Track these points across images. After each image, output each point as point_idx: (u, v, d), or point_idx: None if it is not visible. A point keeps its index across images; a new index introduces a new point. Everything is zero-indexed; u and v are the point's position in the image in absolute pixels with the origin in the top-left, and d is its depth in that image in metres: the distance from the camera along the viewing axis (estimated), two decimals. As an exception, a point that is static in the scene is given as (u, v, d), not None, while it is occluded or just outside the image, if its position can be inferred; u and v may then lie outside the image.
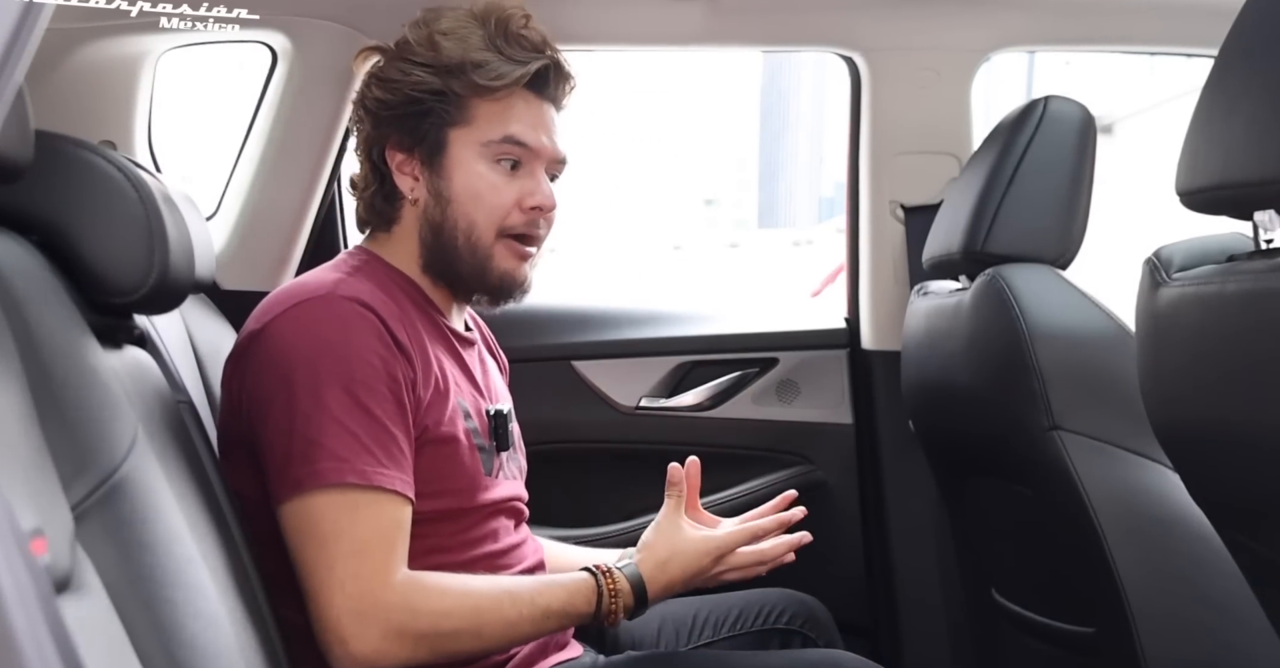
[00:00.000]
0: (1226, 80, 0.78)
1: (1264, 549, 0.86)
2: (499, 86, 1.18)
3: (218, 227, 1.78)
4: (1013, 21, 1.77)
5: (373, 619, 1.02)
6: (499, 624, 1.08)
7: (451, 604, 1.06)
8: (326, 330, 1.09)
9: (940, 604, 1.82)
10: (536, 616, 1.10)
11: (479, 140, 1.19)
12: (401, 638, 1.03)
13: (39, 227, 0.89)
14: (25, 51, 0.57)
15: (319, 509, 1.04)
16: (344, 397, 1.06)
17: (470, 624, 1.07)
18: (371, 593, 1.03)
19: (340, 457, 1.04)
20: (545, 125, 1.22)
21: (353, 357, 1.07)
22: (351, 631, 1.02)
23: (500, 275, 1.21)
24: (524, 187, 1.20)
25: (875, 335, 1.87)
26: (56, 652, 0.50)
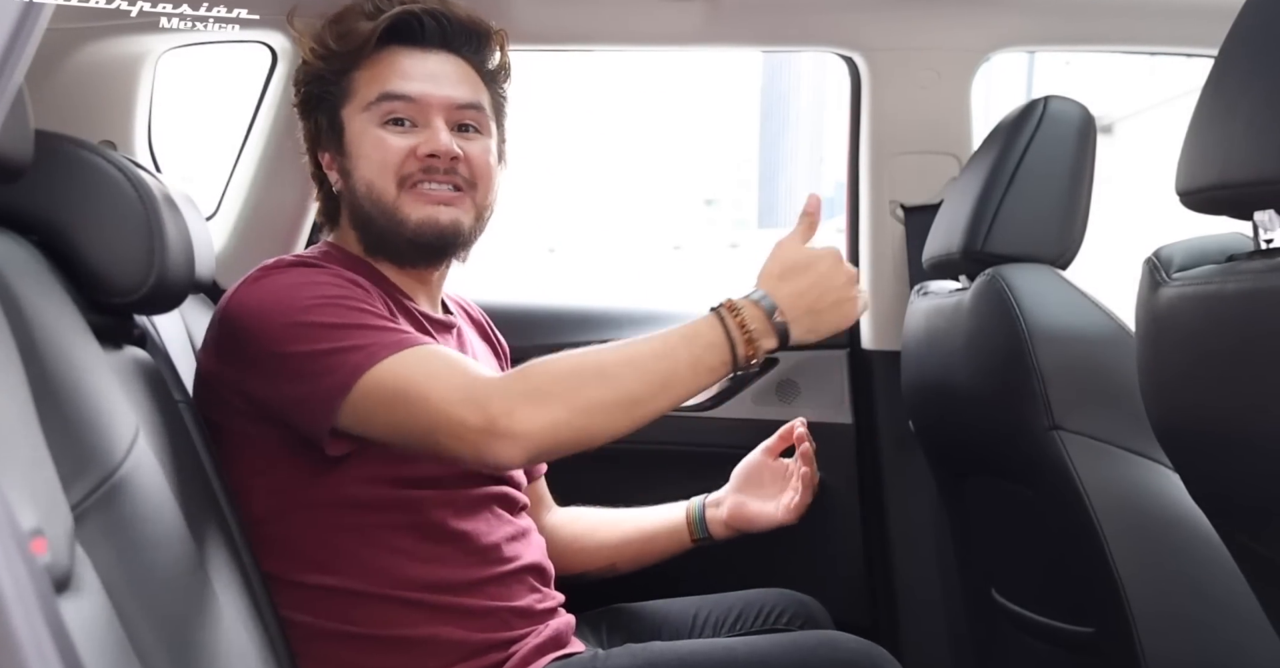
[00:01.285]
0: (1226, 80, 0.78)
1: (1264, 549, 0.86)
2: (357, 48, 1.18)
3: (218, 227, 1.78)
4: (1013, 21, 1.77)
5: (491, 397, 0.98)
6: (619, 362, 1.02)
7: (560, 359, 1.02)
8: (288, 278, 1.10)
9: (940, 604, 1.82)
10: (656, 345, 1.04)
11: (361, 107, 1.19)
12: (529, 398, 0.98)
13: (39, 227, 0.89)
14: (25, 51, 0.57)
15: (377, 386, 1.01)
16: (329, 309, 1.05)
17: (587, 365, 1.01)
18: (475, 386, 1.00)
19: (359, 347, 1.03)
20: (431, 75, 1.20)
21: (322, 284, 1.08)
22: (479, 416, 0.98)
23: (416, 224, 1.18)
24: (418, 137, 1.19)
25: (875, 335, 1.87)
26: (56, 652, 0.50)
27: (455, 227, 1.20)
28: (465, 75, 1.22)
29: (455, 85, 1.21)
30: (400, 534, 1.14)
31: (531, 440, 0.98)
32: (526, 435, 0.98)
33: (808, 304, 1.07)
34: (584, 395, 1.00)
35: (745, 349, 1.05)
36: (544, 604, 1.25)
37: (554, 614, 1.26)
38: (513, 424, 0.97)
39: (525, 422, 0.97)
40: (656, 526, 1.45)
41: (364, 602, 1.12)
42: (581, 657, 1.23)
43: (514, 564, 1.21)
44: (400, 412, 1.01)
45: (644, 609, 1.46)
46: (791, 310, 1.07)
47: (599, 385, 1.00)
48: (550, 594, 1.28)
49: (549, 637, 1.22)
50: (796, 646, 1.24)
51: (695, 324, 1.06)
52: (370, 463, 1.12)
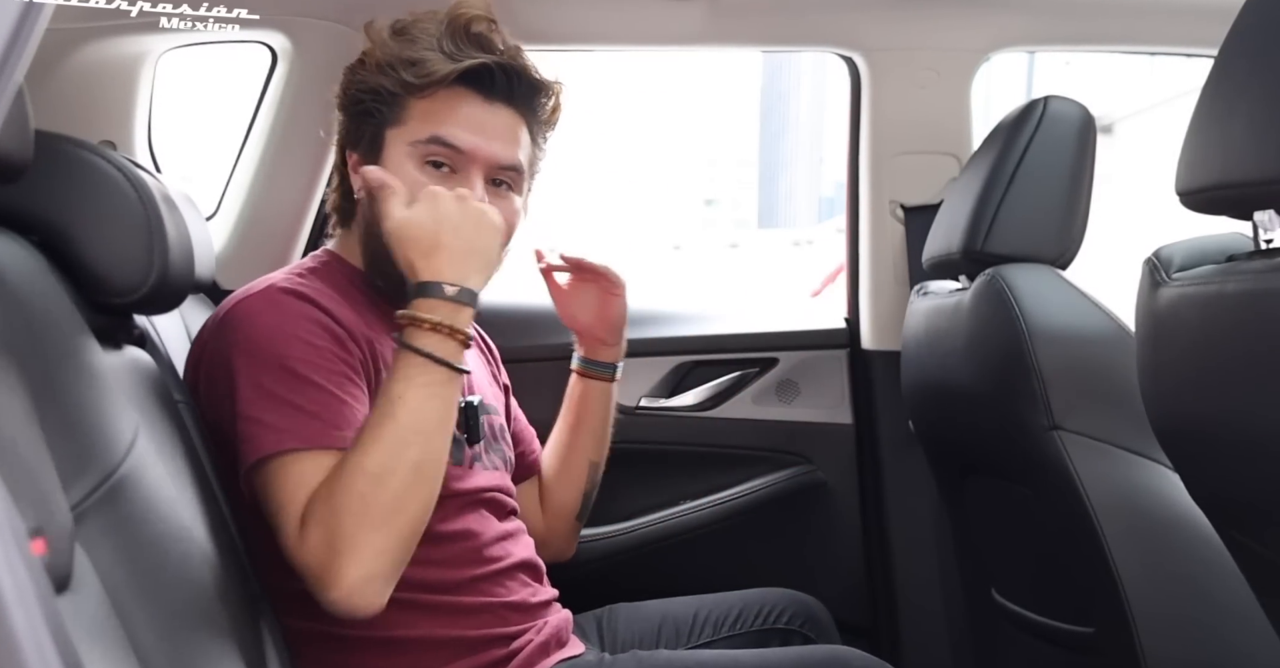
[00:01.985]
0: (1226, 80, 0.78)
1: (1264, 549, 0.86)
2: (426, 83, 1.16)
3: (218, 227, 1.78)
4: (1013, 21, 1.77)
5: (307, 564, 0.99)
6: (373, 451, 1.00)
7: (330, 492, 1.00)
8: (262, 319, 1.09)
9: (940, 604, 1.82)
10: (385, 408, 1.02)
11: (409, 140, 1.17)
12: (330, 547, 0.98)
13: (39, 227, 0.89)
14: (25, 51, 0.57)
15: (264, 481, 1.04)
16: (282, 374, 1.05)
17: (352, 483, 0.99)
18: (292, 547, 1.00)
19: (280, 428, 1.04)
20: (485, 128, 1.18)
21: (289, 338, 1.07)
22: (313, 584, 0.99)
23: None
24: (453, 190, 1.16)
25: (875, 335, 1.87)
26: (56, 651, 0.50)
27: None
28: (516, 131, 1.21)
29: (505, 143, 1.19)
30: None
31: (371, 584, 0.98)
32: (362, 587, 0.98)
33: (460, 252, 1.06)
34: (379, 505, 0.98)
35: (451, 341, 1.04)
36: (538, 598, 1.25)
37: (549, 609, 1.26)
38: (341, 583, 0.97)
39: (350, 575, 0.97)
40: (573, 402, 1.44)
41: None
42: (586, 659, 1.23)
43: (504, 562, 1.21)
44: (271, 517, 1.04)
45: (644, 609, 1.46)
46: (455, 271, 1.05)
47: (371, 484, 0.99)
48: (544, 589, 1.28)
49: (550, 635, 1.22)
50: (802, 659, 1.24)
51: (397, 362, 1.05)
52: None
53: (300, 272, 1.19)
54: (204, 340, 1.14)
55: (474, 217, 1.09)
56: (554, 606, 1.28)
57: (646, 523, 1.82)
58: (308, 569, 1.00)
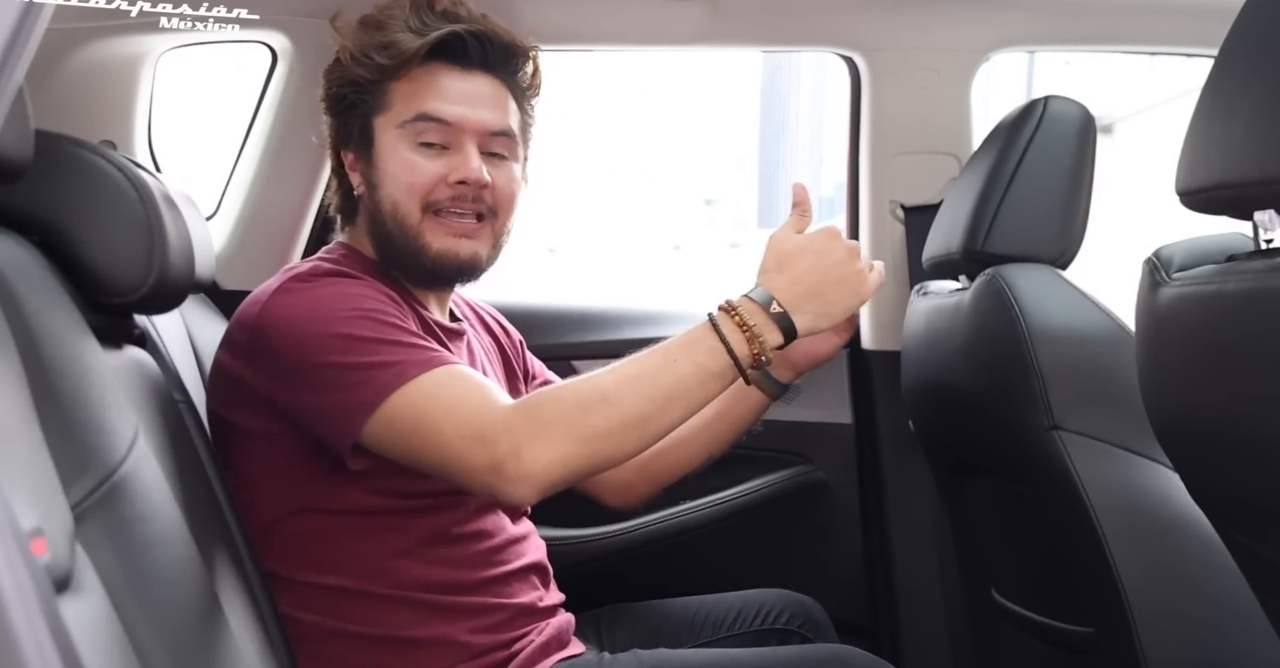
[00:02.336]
0: (1226, 80, 0.78)
1: (1265, 550, 0.86)
2: (400, 61, 1.17)
3: (218, 227, 1.78)
4: (1013, 21, 1.77)
5: (499, 436, 0.98)
6: (622, 384, 1.00)
7: (564, 389, 1.01)
8: (321, 289, 1.10)
9: (940, 604, 1.82)
10: (658, 359, 1.02)
11: (396, 123, 1.18)
12: (536, 436, 0.97)
13: (39, 227, 0.89)
14: (25, 51, 0.57)
15: (398, 412, 1.02)
16: (364, 323, 1.06)
17: (592, 393, 1.00)
18: (484, 421, 0.99)
19: (389, 364, 1.03)
20: (469, 97, 1.19)
21: (354, 296, 1.08)
22: (487, 457, 0.98)
23: (436, 255, 1.18)
24: (450, 162, 1.18)
25: (875, 335, 1.87)
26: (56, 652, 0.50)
27: (473, 260, 1.21)
28: (501, 98, 1.21)
29: (491, 110, 1.20)
30: (404, 537, 1.14)
31: (541, 479, 0.98)
32: (535, 476, 0.97)
33: (808, 288, 1.05)
34: (590, 425, 0.98)
35: (749, 348, 1.02)
36: (545, 602, 1.25)
37: (554, 613, 1.27)
38: (520, 465, 0.97)
39: (533, 461, 0.97)
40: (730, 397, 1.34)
41: (367, 601, 1.12)
42: (586, 658, 1.23)
43: (516, 564, 1.21)
44: (416, 441, 1.02)
45: (644, 609, 1.46)
46: (792, 299, 1.04)
47: (604, 412, 0.99)
48: (551, 593, 1.28)
49: (551, 636, 1.22)
50: (803, 659, 1.24)
51: (694, 330, 1.04)
52: (382, 477, 1.12)
53: (333, 260, 1.19)
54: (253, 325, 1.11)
55: (853, 276, 1.07)
56: (558, 609, 1.29)
57: (646, 523, 1.82)
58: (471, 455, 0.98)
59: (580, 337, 1.88)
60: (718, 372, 1.02)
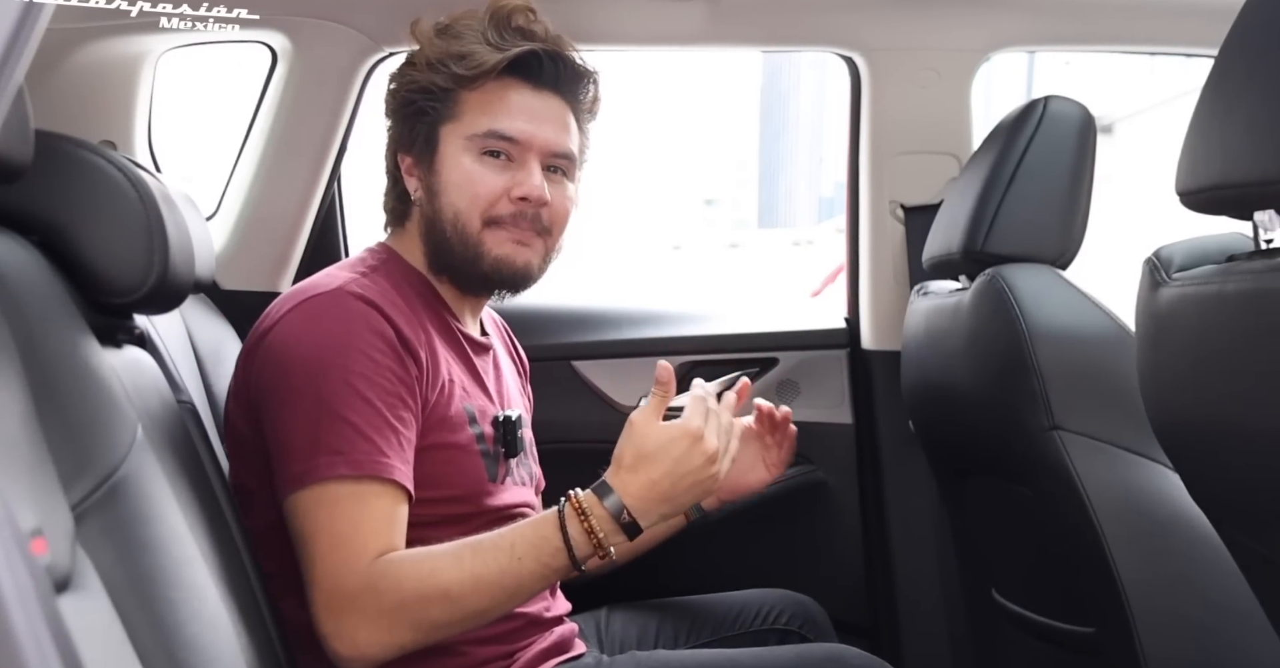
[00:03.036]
0: (1226, 80, 0.78)
1: (1265, 550, 0.86)
2: (477, 74, 1.18)
3: (218, 227, 1.78)
4: (1013, 21, 1.77)
5: (344, 611, 1.02)
6: (465, 581, 1.03)
7: (409, 572, 1.03)
8: (328, 325, 1.09)
9: (940, 604, 1.82)
10: (503, 559, 1.04)
11: (464, 134, 1.19)
12: (374, 622, 1.01)
13: (39, 227, 0.89)
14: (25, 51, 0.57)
15: (309, 505, 1.05)
16: (343, 389, 1.06)
17: (433, 587, 1.02)
18: (339, 584, 1.02)
19: (336, 449, 1.04)
20: (537, 116, 1.20)
21: (353, 350, 1.08)
22: (331, 628, 1.02)
23: (494, 261, 1.19)
24: (514, 177, 1.19)
25: (875, 335, 1.87)
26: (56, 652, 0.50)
27: (528, 269, 1.22)
28: (566, 118, 1.23)
29: (557, 130, 1.21)
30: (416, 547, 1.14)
31: (372, 659, 1.03)
32: (367, 658, 1.02)
33: (660, 494, 1.06)
34: (429, 618, 1.02)
35: (592, 550, 1.06)
36: (552, 612, 1.25)
37: (559, 622, 1.27)
38: (355, 648, 1.02)
39: (366, 646, 1.02)
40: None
41: None
42: (585, 661, 1.23)
43: None
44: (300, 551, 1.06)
45: (644, 609, 1.46)
46: (642, 504, 1.06)
47: (445, 608, 1.03)
48: (558, 602, 1.28)
49: (553, 643, 1.22)
50: (801, 658, 1.24)
51: (542, 526, 1.06)
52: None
53: (365, 269, 1.19)
54: (265, 330, 1.13)
55: (706, 481, 1.08)
56: (564, 619, 1.29)
57: (647, 523, 1.82)
58: (320, 610, 1.02)
59: (580, 337, 1.88)
60: (559, 569, 1.06)
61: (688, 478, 1.06)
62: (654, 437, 1.07)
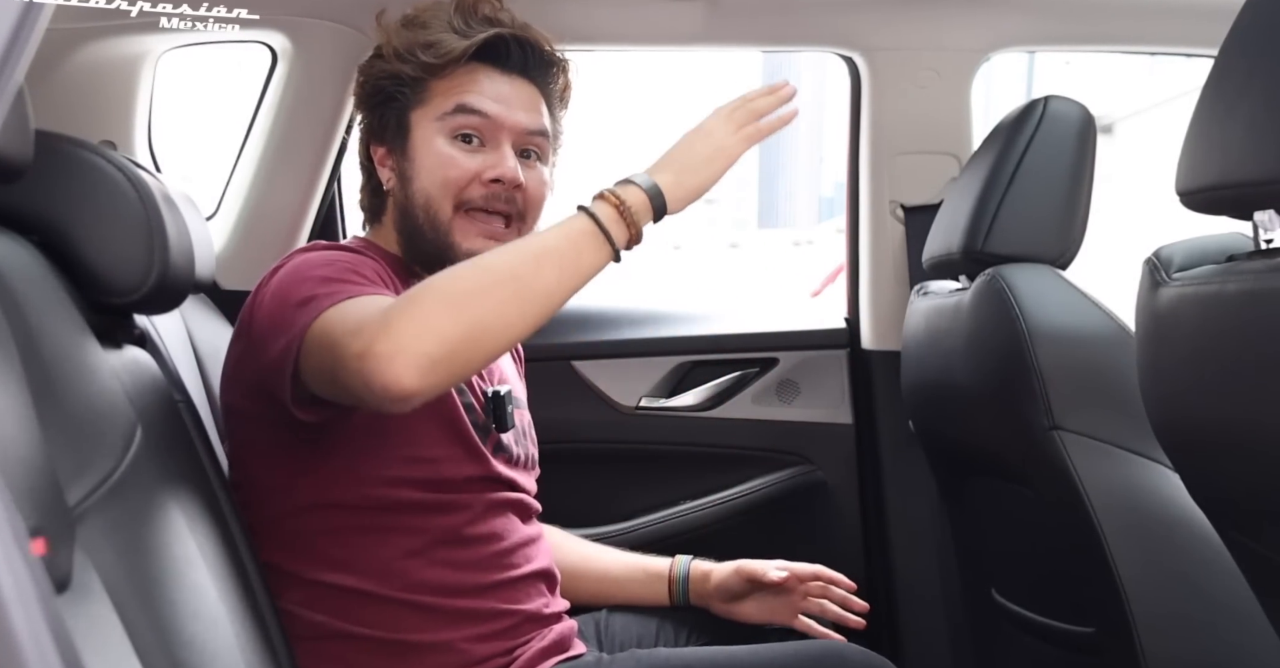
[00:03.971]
0: (1226, 80, 0.78)
1: (1265, 549, 0.86)
2: (445, 61, 1.18)
3: (218, 227, 1.78)
4: (1013, 21, 1.77)
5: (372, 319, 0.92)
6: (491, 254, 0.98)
7: (431, 280, 0.95)
8: (313, 257, 1.10)
9: (940, 604, 1.82)
10: (529, 242, 1.00)
11: (434, 115, 1.19)
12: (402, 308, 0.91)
13: (39, 227, 0.89)
14: (25, 51, 0.57)
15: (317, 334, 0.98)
16: (328, 269, 1.05)
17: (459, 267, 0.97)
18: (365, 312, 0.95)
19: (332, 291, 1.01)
20: (506, 97, 1.20)
21: (331, 261, 1.08)
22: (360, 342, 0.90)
23: (466, 254, 1.16)
24: (486, 160, 1.18)
25: (875, 335, 1.87)
26: (56, 652, 0.50)
27: None
28: (536, 102, 1.23)
29: (528, 111, 1.21)
30: (416, 537, 1.14)
31: (414, 350, 0.89)
32: (405, 348, 0.89)
33: (658, 163, 1.05)
34: (459, 287, 0.93)
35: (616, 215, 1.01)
36: (550, 609, 1.25)
37: (559, 619, 1.26)
38: (390, 339, 0.89)
39: (400, 332, 0.89)
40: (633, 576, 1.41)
41: (376, 603, 1.12)
42: (585, 660, 1.23)
43: (524, 569, 1.21)
44: (324, 356, 0.97)
45: (644, 610, 1.46)
46: (658, 168, 1.04)
47: (473, 273, 0.95)
48: (556, 600, 1.28)
49: (553, 641, 1.22)
50: (800, 654, 1.24)
51: (564, 219, 1.02)
52: (390, 464, 1.12)
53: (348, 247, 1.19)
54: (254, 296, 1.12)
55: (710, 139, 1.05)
56: (563, 616, 1.28)
57: (646, 523, 1.82)
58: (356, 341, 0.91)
59: (580, 337, 1.88)
60: (592, 246, 0.99)
61: (683, 148, 1.06)
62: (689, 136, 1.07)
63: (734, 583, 1.38)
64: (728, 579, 1.38)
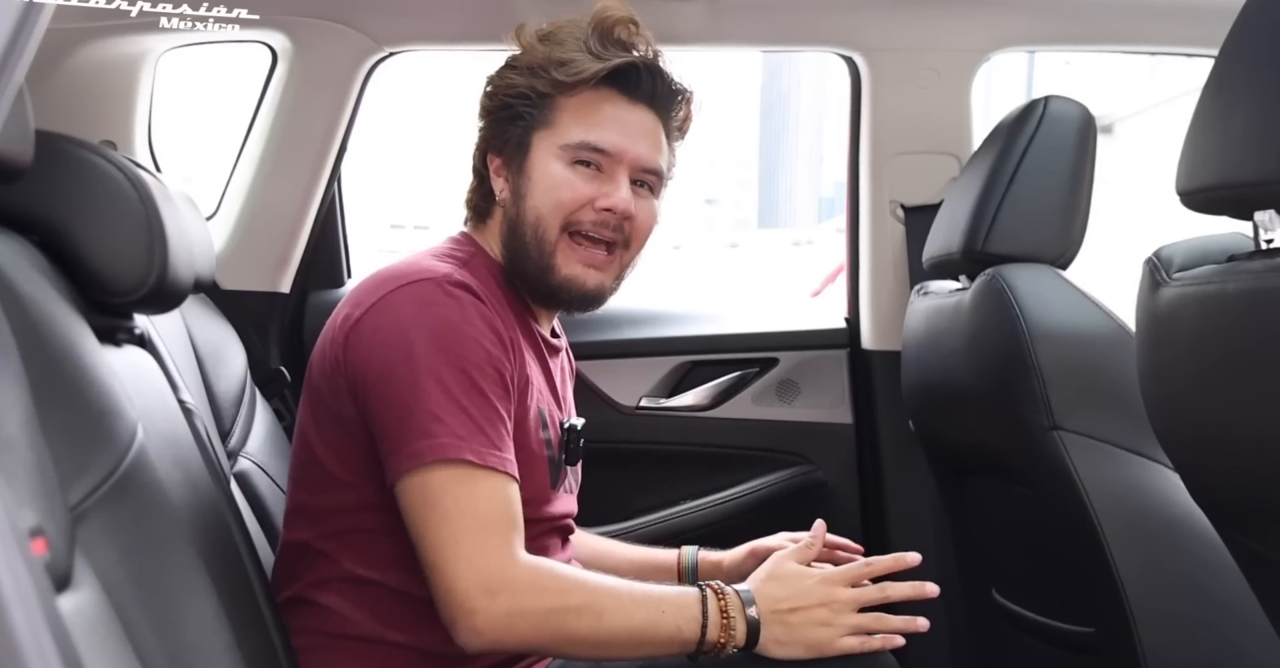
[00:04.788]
0: (1226, 80, 0.78)
1: (1264, 549, 0.86)
2: (575, 81, 1.18)
3: (218, 227, 1.78)
4: (1013, 21, 1.77)
5: (501, 594, 1.01)
6: (616, 606, 1.05)
7: (573, 584, 1.05)
8: (443, 311, 1.09)
9: (940, 604, 1.82)
10: (653, 607, 1.06)
11: (557, 143, 1.19)
12: (526, 614, 1.02)
13: (39, 227, 0.89)
14: (25, 51, 0.57)
15: (440, 483, 1.03)
16: (461, 376, 1.06)
17: (590, 602, 1.04)
18: (501, 568, 1.02)
19: (458, 434, 1.04)
20: (630, 129, 1.20)
21: (468, 339, 1.08)
22: (480, 603, 1.01)
23: (563, 279, 1.19)
24: (601, 188, 1.19)
25: (875, 335, 1.87)
26: (56, 651, 0.50)
27: (598, 291, 1.22)
28: (657, 134, 1.23)
29: (649, 146, 1.22)
30: None
31: (503, 644, 1.04)
32: (498, 642, 1.03)
33: (784, 610, 1.09)
34: (570, 631, 1.04)
35: (719, 634, 1.07)
36: None
37: None
38: (494, 628, 1.01)
39: (510, 632, 1.02)
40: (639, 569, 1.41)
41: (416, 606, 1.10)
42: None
43: None
44: (429, 530, 1.04)
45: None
46: (768, 612, 1.09)
47: (590, 626, 1.04)
48: None
49: None
50: None
51: (688, 594, 1.09)
52: None
53: (459, 261, 1.18)
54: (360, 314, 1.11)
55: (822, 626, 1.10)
56: None
57: (646, 523, 1.83)
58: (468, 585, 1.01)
59: (581, 337, 1.87)
60: (685, 641, 1.07)
61: (802, 612, 1.10)
62: (787, 567, 1.13)
63: (749, 566, 1.37)
64: (742, 564, 1.37)
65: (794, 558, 1.14)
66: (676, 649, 1.08)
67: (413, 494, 1.04)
